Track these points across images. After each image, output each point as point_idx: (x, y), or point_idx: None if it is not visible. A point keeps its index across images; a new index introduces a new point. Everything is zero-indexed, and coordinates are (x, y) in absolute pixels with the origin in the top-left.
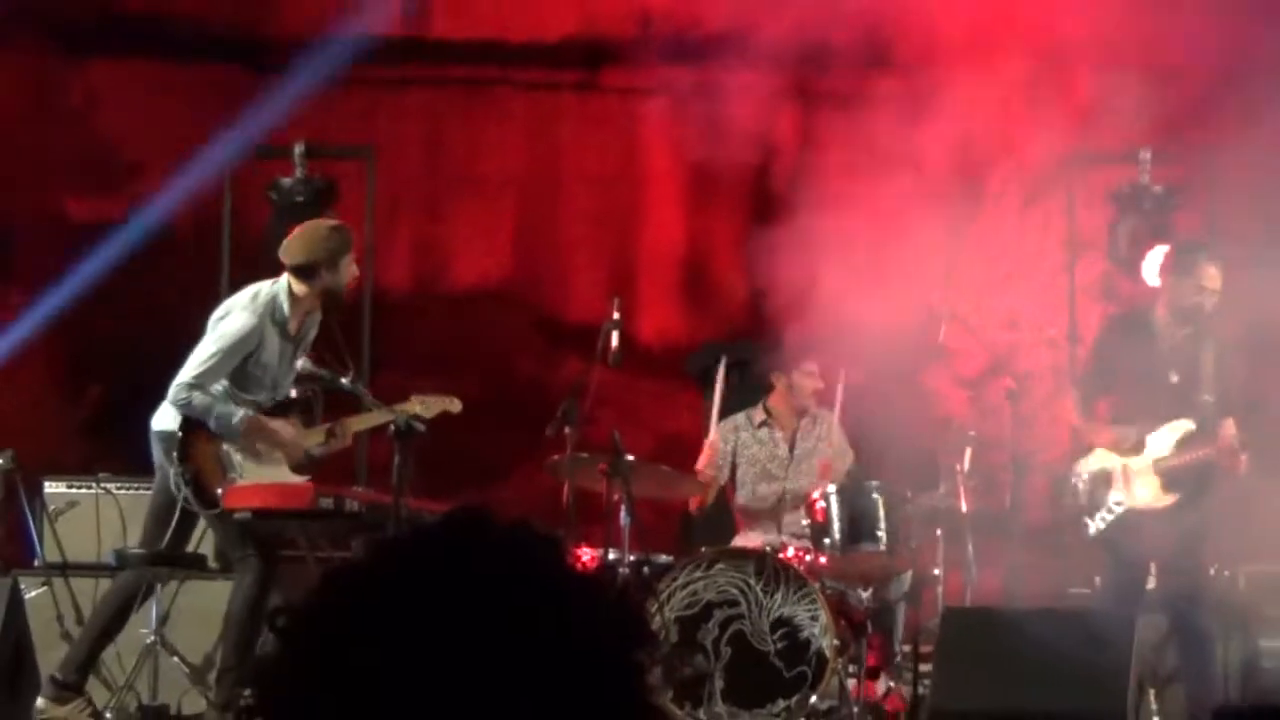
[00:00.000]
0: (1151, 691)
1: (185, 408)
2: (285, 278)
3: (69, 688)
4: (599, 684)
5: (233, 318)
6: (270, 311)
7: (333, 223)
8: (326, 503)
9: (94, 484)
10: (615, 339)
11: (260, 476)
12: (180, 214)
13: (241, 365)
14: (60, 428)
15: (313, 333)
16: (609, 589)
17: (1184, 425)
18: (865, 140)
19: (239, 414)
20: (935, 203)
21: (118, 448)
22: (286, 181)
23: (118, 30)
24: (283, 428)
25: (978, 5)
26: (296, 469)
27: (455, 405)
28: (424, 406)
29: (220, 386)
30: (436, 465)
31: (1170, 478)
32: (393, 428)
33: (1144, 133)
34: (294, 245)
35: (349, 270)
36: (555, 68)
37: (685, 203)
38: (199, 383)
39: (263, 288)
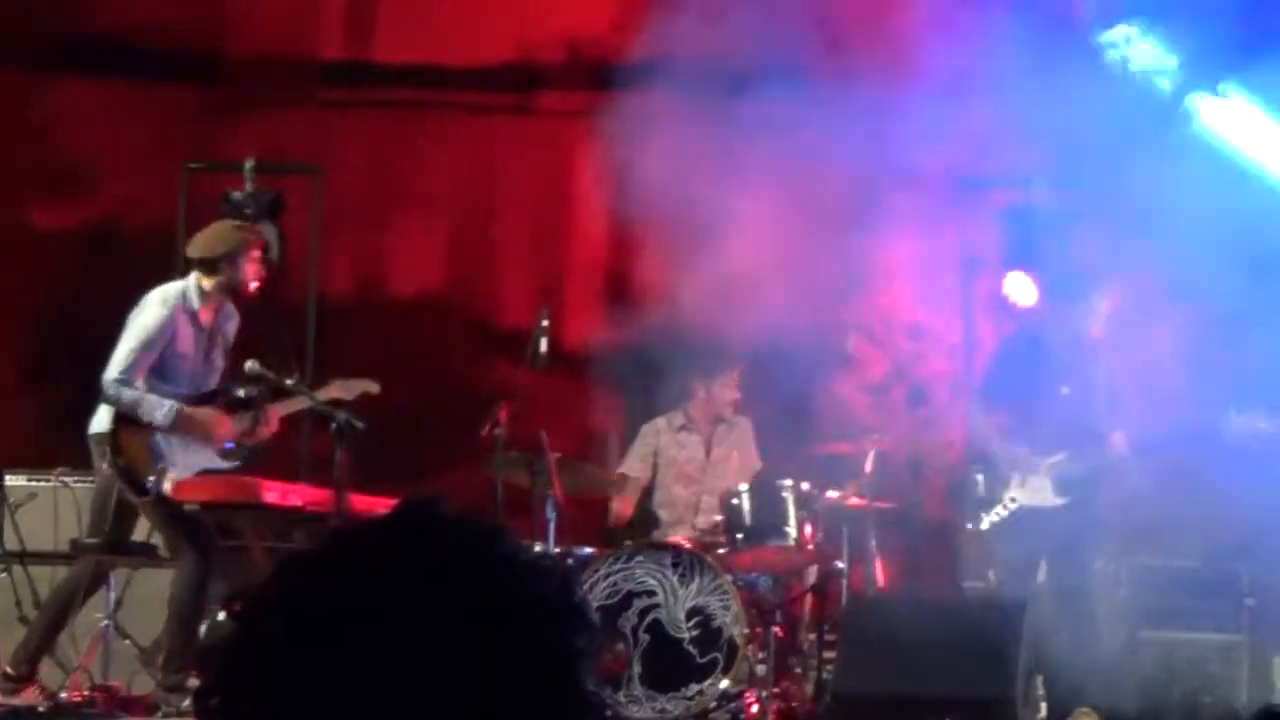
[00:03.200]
0: (1039, 678)
1: (116, 403)
2: (194, 273)
3: (20, 679)
4: (544, 670)
5: (146, 312)
6: (180, 303)
7: (237, 223)
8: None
9: (52, 478)
10: (544, 344)
11: (190, 464)
12: (138, 224)
13: (160, 357)
14: (23, 423)
15: (231, 329)
16: (553, 577)
17: (1076, 434)
18: (779, 161)
19: (167, 405)
20: (844, 219)
21: (77, 443)
22: (237, 195)
23: (80, 50)
24: (209, 415)
25: (885, 33)
26: (225, 455)
27: (374, 387)
28: (344, 389)
29: (143, 382)
30: (375, 462)
31: (1062, 481)
32: (333, 426)
33: (1036, 157)
34: (199, 241)
35: (250, 268)
36: (491, 91)
37: (611, 218)
38: (124, 378)
39: (175, 284)
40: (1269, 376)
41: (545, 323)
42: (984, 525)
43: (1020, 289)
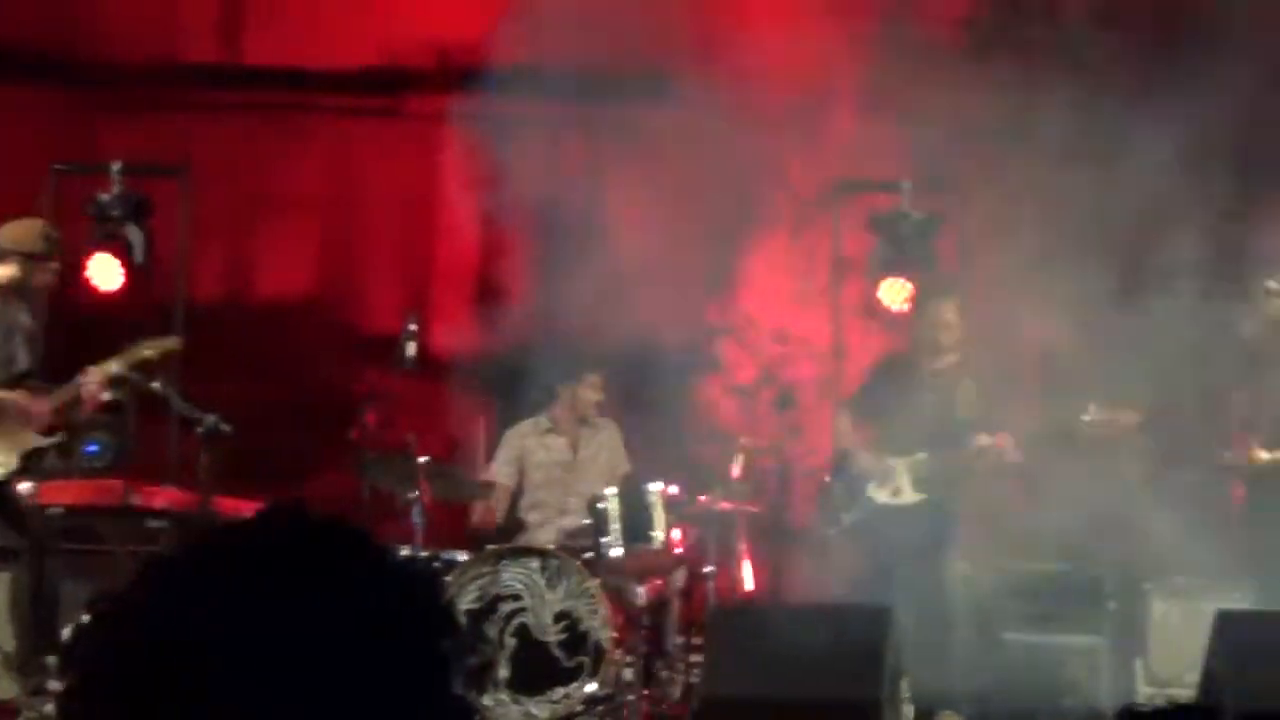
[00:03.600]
0: (905, 680)
1: None
2: None
3: None
4: (409, 673)
5: None
6: None
7: (43, 226)
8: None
9: None
10: (412, 348)
11: (10, 447)
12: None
13: None
14: None
15: (23, 319)
16: (420, 582)
17: (937, 435)
18: (647, 166)
19: None
20: (712, 226)
21: None
22: (104, 197)
23: None
24: (21, 397)
25: (752, 45)
26: (49, 430)
27: (175, 343)
28: (152, 350)
29: None
30: (241, 465)
31: (921, 479)
32: (200, 429)
33: (906, 164)
34: (4, 228)
35: (42, 272)
36: (358, 95)
37: (478, 222)
38: None
39: None
40: (1128, 374)
41: (413, 326)
42: (844, 523)
43: (893, 295)
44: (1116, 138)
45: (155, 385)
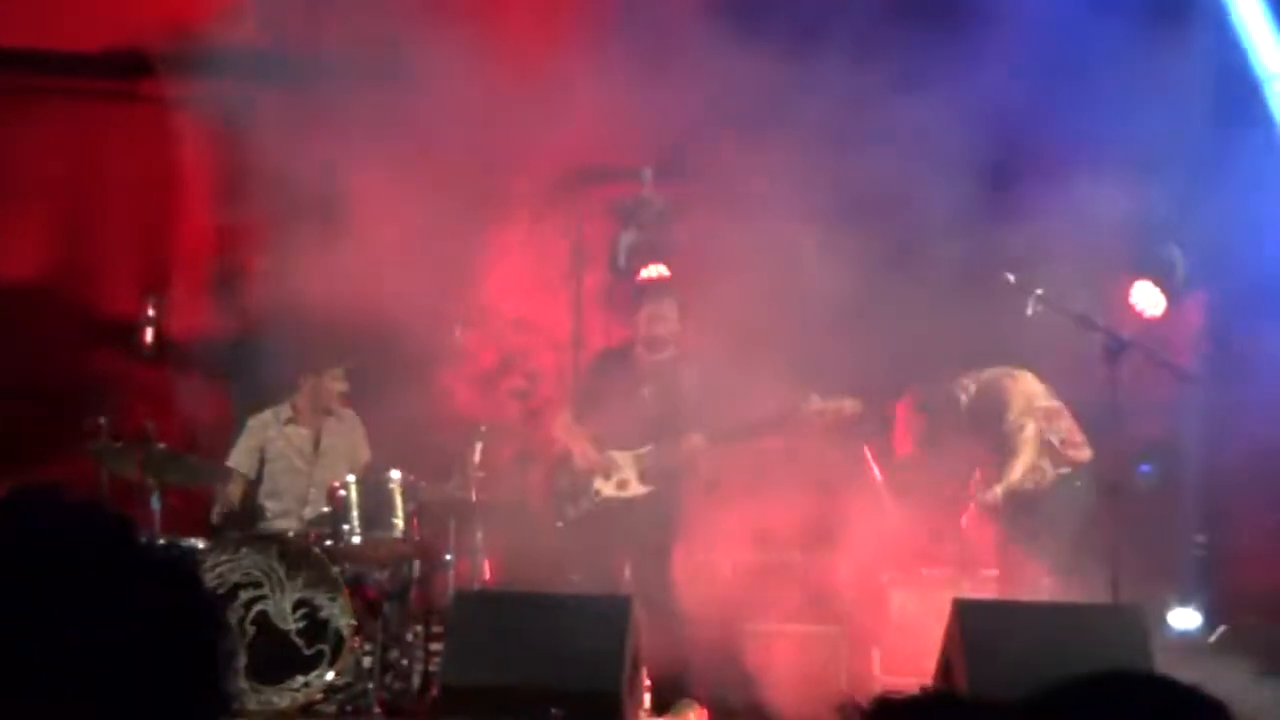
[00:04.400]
0: (644, 669)
1: None
2: None
3: None
4: (174, 664)
5: None
6: None
7: None
8: None
9: None
10: (151, 334)
11: None
12: None
13: None
14: None
15: None
16: (180, 569)
17: (659, 430)
18: (388, 153)
19: None
20: (452, 213)
21: None
22: None
23: None
24: None
25: (494, 29)
26: None
27: None
28: None
29: None
30: None
31: (646, 472)
32: None
33: (647, 151)
34: None
35: None
36: (96, 78)
37: (217, 207)
38: None
39: None
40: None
41: (152, 312)
42: (570, 515)
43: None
44: (869, 122)
45: None
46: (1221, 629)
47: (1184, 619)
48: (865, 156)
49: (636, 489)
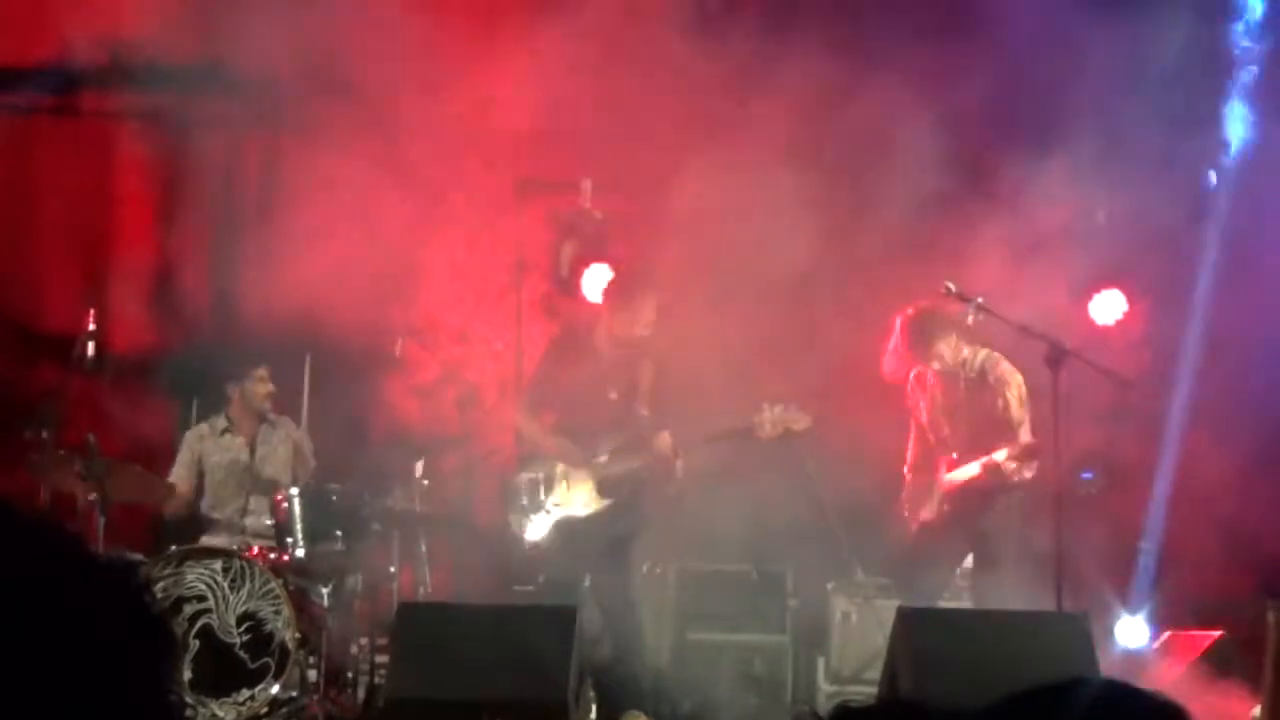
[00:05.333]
0: (590, 680)
1: None
2: None
3: None
4: (122, 681)
5: None
6: None
7: None
8: None
9: None
10: (91, 347)
11: None
12: None
13: None
14: None
15: None
16: (131, 586)
17: (620, 436)
18: (324, 164)
19: None
20: (392, 225)
21: None
22: None
23: None
24: None
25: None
26: None
27: None
28: None
29: None
30: None
31: (605, 484)
32: None
33: (587, 163)
34: None
35: None
36: (32, 92)
37: (156, 220)
38: None
39: None
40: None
41: (92, 326)
42: (527, 531)
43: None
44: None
45: None
46: (1165, 635)
47: (1131, 630)
48: (817, 160)
49: (595, 504)
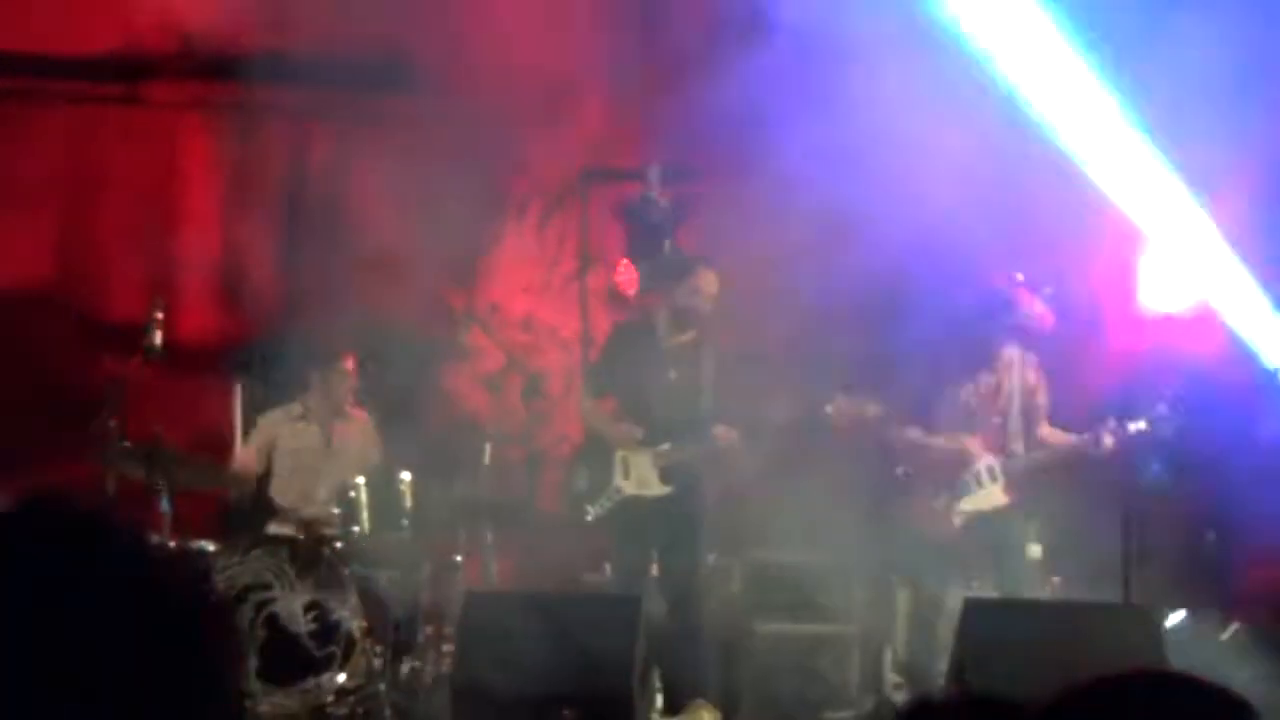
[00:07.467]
0: (656, 670)
1: None
2: None
3: None
4: (184, 671)
5: None
6: None
7: None
8: None
9: None
10: (158, 337)
11: None
12: None
13: None
14: None
15: None
16: (191, 575)
17: (682, 421)
18: (394, 154)
19: None
20: (459, 214)
21: None
22: None
23: None
24: None
25: (499, 32)
26: None
27: None
28: None
29: None
30: None
31: (667, 470)
32: None
33: (652, 151)
34: None
35: None
36: (98, 81)
37: (222, 209)
38: None
39: None
40: (873, 364)
41: (159, 315)
42: (589, 515)
43: (628, 276)
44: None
45: None
46: (1234, 627)
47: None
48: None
49: (657, 488)
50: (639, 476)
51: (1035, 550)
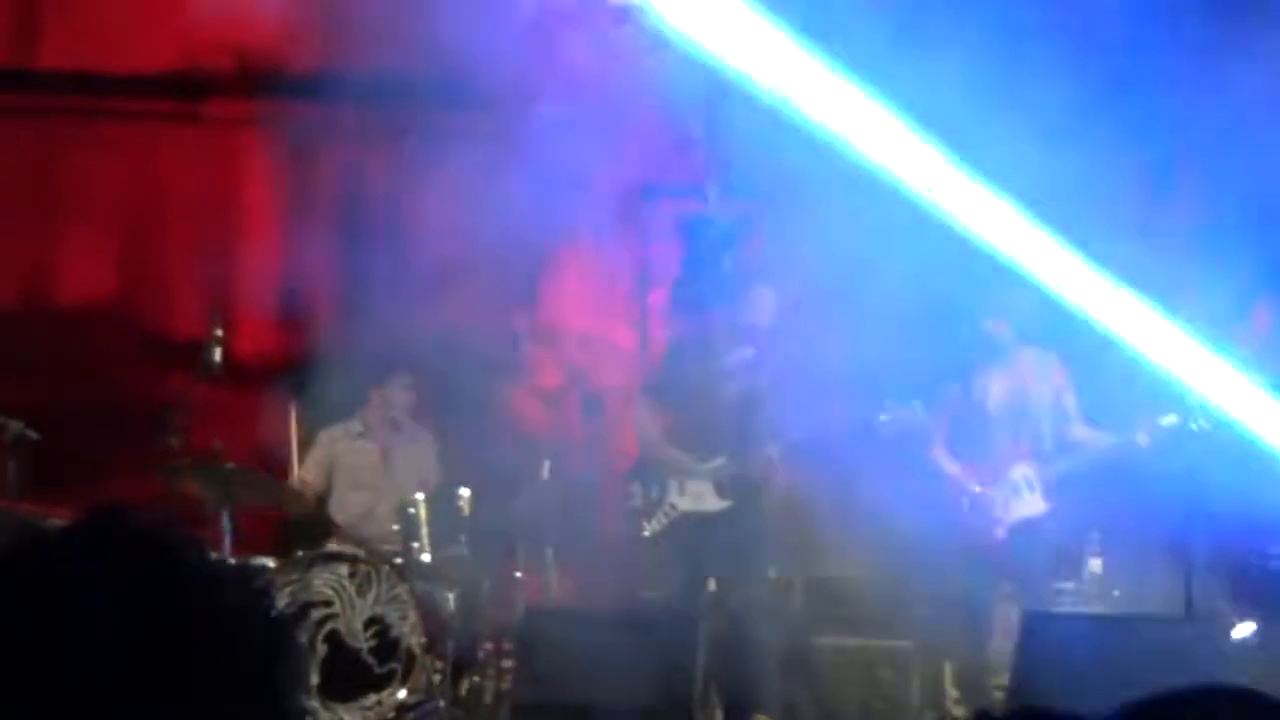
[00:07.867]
0: (716, 685)
1: None
2: None
3: None
4: (245, 687)
5: None
6: None
7: None
8: None
9: None
10: (218, 354)
11: None
12: None
13: None
14: None
15: None
16: (250, 589)
17: (738, 437)
18: (452, 171)
19: None
20: (516, 231)
21: None
22: None
23: None
24: None
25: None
26: None
27: None
28: None
29: None
30: (48, 472)
31: (722, 485)
32: (6, 436)
33: (712, 167)
34: None
35: None
36: (157, 99)
37: (282, 227)
38: None
39: None
40: (927, 374)
41: (218, 332)
42: (645, 531)
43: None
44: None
45: None
46: None
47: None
48: None
49: (713, 503)
50: (694, 492)
51: (1096, 564)
